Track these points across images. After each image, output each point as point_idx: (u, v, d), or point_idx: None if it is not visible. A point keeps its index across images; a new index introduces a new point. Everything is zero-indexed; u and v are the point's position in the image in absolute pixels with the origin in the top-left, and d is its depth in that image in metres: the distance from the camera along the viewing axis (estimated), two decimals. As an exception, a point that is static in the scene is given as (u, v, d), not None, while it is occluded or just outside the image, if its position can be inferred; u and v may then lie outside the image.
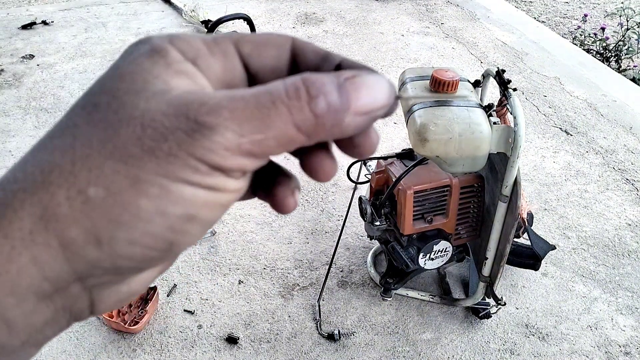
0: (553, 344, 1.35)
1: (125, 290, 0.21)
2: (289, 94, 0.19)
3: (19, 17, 2.98)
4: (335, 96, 0.19)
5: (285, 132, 0.19)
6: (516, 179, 1.08)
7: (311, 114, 0.19)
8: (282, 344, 1.33)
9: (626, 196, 1.82)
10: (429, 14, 3.13)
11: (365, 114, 0.20)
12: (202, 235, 0.21)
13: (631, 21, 2.81)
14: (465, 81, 1.14)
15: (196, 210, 0.19)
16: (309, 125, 0.19)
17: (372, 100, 0.20)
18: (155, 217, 0.18)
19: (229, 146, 0.18)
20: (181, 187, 0.18)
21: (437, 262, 1.28)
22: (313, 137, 0.20)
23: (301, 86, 0.19)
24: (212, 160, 0.18)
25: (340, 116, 0.19)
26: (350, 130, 0.20)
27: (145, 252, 0.19)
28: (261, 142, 0.19)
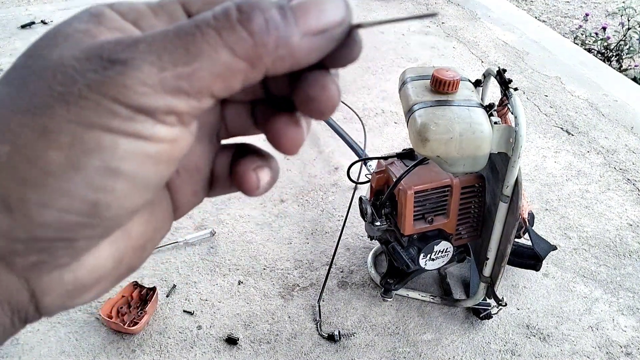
0: (554, 345, 1.34)
1: (71, 279, 0.18)
2: (217, 17, 0.17)
3: (18, 16, 2.98)
4: (275, 12, 0.17)
5: (218, 59, 0.16)
6: (517, 179, 1.07)
7: (246, 33, 0.17)
8: (282, 345, 1.32)
9: (627, 196, 1.81)
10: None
11: (319, 33, 0.18)
12: (140, 196, 0.18)
13: (632, 21, 2.80)
14: (466, 81, 1.14)
15: (118, 162, 0.16)
16: (247, 48, 0.17)
17: (323, 15, 0.18)
18: (69, 171, 0.16)
19: (148, 81, 0.16)
20: (97, 134, 0.16)
21: (438, 262, 1.28)
22: (257, 64, 0.17)
23: (232, 6, 0.17)
24: (130, 99, 0.16)
25: (285, 33, 0.17)
26: (304, 53, 0.18)
27: (63, 216, 0.16)
28: (191, 76, 0.16)
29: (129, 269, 0.22)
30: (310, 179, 1.85)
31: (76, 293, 0.19)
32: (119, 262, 0.20)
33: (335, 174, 1.87)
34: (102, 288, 0.21)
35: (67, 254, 0.18)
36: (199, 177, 0.23)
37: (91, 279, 0.19)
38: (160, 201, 0.22)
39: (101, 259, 0.19)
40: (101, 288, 0.20)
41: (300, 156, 1.95)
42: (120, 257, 0.20)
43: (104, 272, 0.20)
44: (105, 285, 0.20)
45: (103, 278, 0.20)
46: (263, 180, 0.23)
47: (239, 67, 0.17)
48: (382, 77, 2.46)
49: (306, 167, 1.90)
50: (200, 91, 0.17)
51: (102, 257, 0.19)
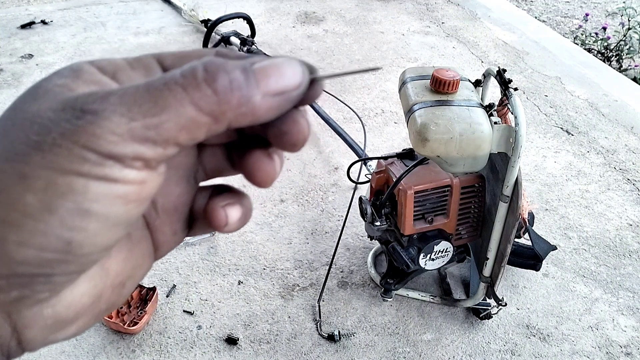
0: (554, 345, 1.34)
1: (50, 314, 0.20)
2: (184, 75, 0.18)
3: (18, 16, 2.97)
4: (239, 74, 0.19)
5: (184, 113, 0.18)
6: (517, 179, 1.07)
7: (210, 91, 0.18)
8: (282, 345, 1.32)
9: (627, 196, 1.81)
10: (429, 13, 3.13)
11: (278, 94, 0.20)
12: (112, 234, 0.19)
13: (632, 21, 2.80)
14: (466, 81, 1.14)
15: (89, 203, 0.17)
16: (211, 104, 0.18)
17: (282, 79, 0.20)
18: (44, 213, 0.17)
19: (117, 131, 0.17)
20: (69, 178, 0.17)
21: (438, 262, 1.28)
22: (220, 119, 0.19)
23: (199, 66, 0.19)
24: (100, 147, 0.17)
25: (247, 93, 0.19)
26: (264, 111, 0.19)
27: (40, 253, 0.18)
28: (158, 127, 0.18)
29: (109, 306, 0.23)
30: (310, 179, 1.85)
31: (57, 328, 0.20)
32: (97, 298, 0.21)
33: (335, 174, 1.87)
34: (83, 324, 0.21)
35: (46, 289, 0.19)
36: (178, 217, 0.25)
37: (70, 314, 0.20)
38: (140, 241, 0.23)
39: (79, 295, 0.20)
40: (82, 324, 0.21)
41: (300, 156, 1.95)
42: (98, 294, 0.21)
43: (83, 307, 0.21)
44: (85, 321, 0.21)
45: (82, 314, 0.21)
46: (232, 217, 0.24)
47: (203, 121, 0.18)
48: (382, 77, 2.46)
49: (306, 167, 1.90)
50: (166, 140, 0.18)
51: (80, 292, 0.20)
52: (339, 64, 2.57)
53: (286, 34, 2.84)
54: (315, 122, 2.10)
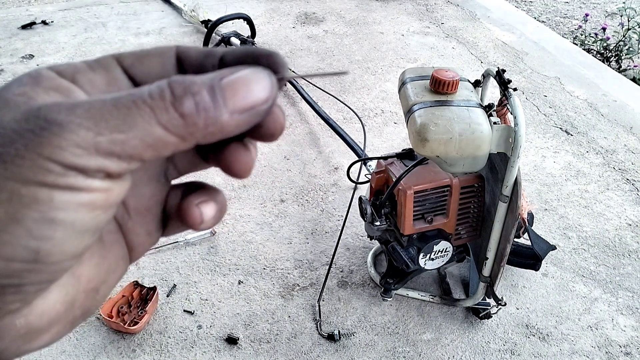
0: (553, 344, 1.34)
1: (23, 324, 0.19)
2: (152, 95, 0.18)
3: (19, 17, 2.98)
4: (205, 95, 0.19)
5: (151, 132, 0.18)
6: (516, 179, 1.08)
7: (176, 114, 0.18)
8: (282, 345, 1.32)
9: (626, 196, 1.82)
10: (429, 13, 3.13)
11: (245, 111, 0.20)
12: (82, 241, 0.19)
13: (632, 21, 2.81)
14: (465, 81, 1.14)
15: (54, 212, 0.18)
16: (177, 126, 0.19)
17: (250, 95, 0.20)
18: (9, 224, 0.17)
19: (82, 144, 0.17)
20: (33, 189, 0.17)
21: (438, 262, 1.28)
22: (188, 139, 0.19)
23: (165, 87, 0.19)
24: (64, 159, 0.17)
25: (213, 115, 0.19)
26: (232, 128, 0.20)
27: (8, 264, 0.18)
28: (124, 142, 0.18)
29: (84, 312, 0.22)
30: (310, 179, 1.85)
31: (30, 337, 0.20)
32: (70, 305, 0.21)
33: (335, 174, 1.87)
34: (57, 332, 0.21)
35: (17, 299, 0.19)
36: (151, 217, 0.25)
37: (43, 323, 0.20)
38: (112, 245, 0.23)
39: (51, 303, 0.20)
40: (56, 332, 0.21)
41: (300, 156, 1.95)
42: (71, 301, 0.21)
43: (56, 316, 0.20)
44: (60, 329, 0.21)
45: (55, 322, 0.21)
46: (207, 214, 0.24)
47: (170, 141, 0.19)
48: (382, 78, 2.47)
49: (306, 167, 1.90)
50: (131, 156, 0.18)
51: (51, 301, 0.20)
52: (339, 64, 2.57)
53: (286, 35, 2.85)
54: (315, 122, 2.11)
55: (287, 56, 2.63)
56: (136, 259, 0.25)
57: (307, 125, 2.12)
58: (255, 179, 1.84)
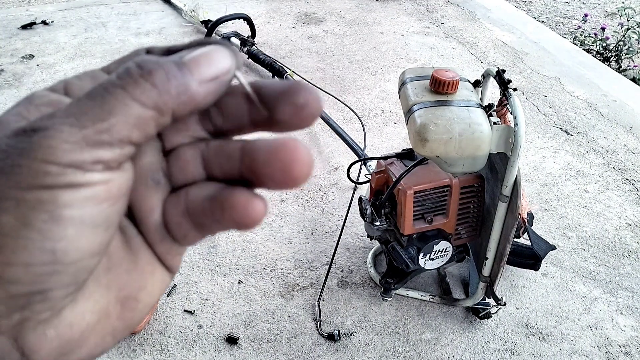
0: (553, 344, 1.34)
1: (54, 335, 0.20)
2: (121, 76, 0.19)
3: (19, 17, 2.98)
4: (172, 65, 0.20)
5: (130, 111, 0.19)
6: (516, 179, 1.08)
7: (149, 85, 0.19)
8: (282, 344, 1.33)
9: (626, 196, 1.82)
10: (429, 13, 3.13)
11: (212, 80, 0.21)
12: (95, 236, 0.19)
13: (631, 21, 2.81)
14: (465, 81, 1.14)
15: (61, 210, 0.18)
16: (153, 97, 0.19)
17: (214, 65, 0.21)
18: (21, 229, 0.18)
19: (70, 140, 0.18)
20: (36, 193, 0.18)
21: (437, 262, 1.28)
22: (164, 110, 0.20)
23: (132, 65, 0.20)
24: (58, 157, 0.18)
25: (183, 81, 0.20)
26: (202, 96, 0.20)
27: (28, 269, 0.18)
28: (109, 130, 0.19)
29: (126, 323, 0.22)
30: (310, 179, 1.85)
31: (64, 350, 0.20)
32: (105, 315, 0.21)
33: (335, 174, 1.87)
34: (95, 344, 0.21)
35: (45, 308, 0.19)
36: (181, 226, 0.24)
37: (75, 334, 0.20)
38: (140, 250, 0.23)
39: (79, 313, 0.20)
40: (94, 344, 0.21)
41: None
42: (104, 310, 0.21)
43: (87, 327, 0.21)
44: (97, 341, 0.21)
45: (89, 333, 0.21)
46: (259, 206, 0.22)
47: (150, 115, 0.19)
48: (382, 78, 2.47)
49: (306, 167, 1.90)
50: (120, 140, 0.19)
51: (80, 311, 0.20)
52: (339, 64, 2.58)
53: (286, 35, 2.85)
54: (315, 122, 2.11)
55: (287, 56, 2.63)
56: (174, 267, 0.24)
57: (307, 125, 2.12)
58: (255, 179, 1.84)
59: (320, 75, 2.46)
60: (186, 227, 0.23)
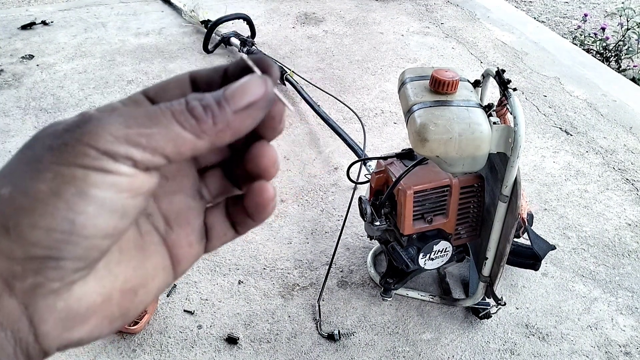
0: (553, 344, 1.34)
1: (63, 307, 0.22)
2: (172, 105, 0.23)
3: (19, 17, 2.98)
4: (212, 101, 0.24)
5: (172, 128, 0.23)
6: (516, 178, 1.08)
7: (190, 115, 0.23)
8: (282, 344, 1.33)
9: (626, 196, 1.82)
10: (428, 13, 3.13)
11: (247, 108, 0.24)
12: (111, 220, 0.22)
13: (631, 21, 2.81)
14: (465, 81, 1.14)
15: (88, 188, 0.21)
16: (192, 125, 0.23)
17: (248, 95, 0.24)
18: (51, 197, 0.21)
19: (115, 134, 0.22)
20: (73, 169, 0.21)
21: (437, 262, 1.28)
22: (202, 136, 0.23)
23: (182, 100, 0.24)
24: (99, 144, 0.21)
25: (220, 114, 0.24)
26: (238, 124, 0.24)
27: (49, 234, 0.21)
28: (149, 136, 0.22)
29: (122, 312, 0.25)
30: (310, 179, 1.85)
31: (70, 323, 0.22)
32: (107, 299, 0.24)
33: (335, 174, 1.87)
34: (95, 325, 0.24)
35: (57, 276, 0.21)
36: (191, 229, 0.28)
37: (82, 309, 0.23)
38: (153, 254, 0.27)
39: (89, 291, 0.23)
40: (94, 324, 0.24)
41: (300, 156, 1.95)
42: (108, 295, 0.24)
43: (93, 304, 0.23)
44: (97, 323, 0.24)
45: (93, 311, 0.23)
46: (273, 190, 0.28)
47: (187, 137, 0.23)
48: (382, 78, 2.47)
49: (306, 167, 1.90)
50: (154, 149, 0.22)
51: (89, 289, 0.23)
52: (339, 64, 2.58)
53: (286, 35, 2.85)
54: (315, 122, 2.11)
55: (287, 56, 2.63)
56: (182, 272, 0.28)
57: (307, 125, 2.12)
58: (255, 179, 1.84)
59: (320, 75, 2.46)
60: (225, 226, 0.29)
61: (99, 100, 2.28)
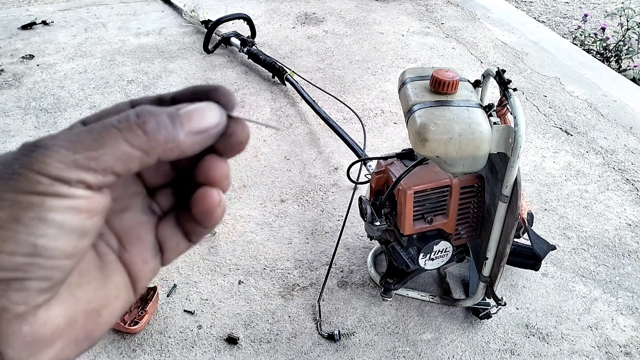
0: (553, 344, 1.34)
1: (28, 331, 0.22)
2: (119, 120, 0.23)
3: (19, 17, 2.98)
4: (165, 118, 0.24)
5: (118, 148, 0.23)
6: (516, 179, 1.08)
7: (140, 131, 0.23)
8: (282, 344, 1.33)
9: (626, 196, 1.82)
10: (429, 14, 3.13)
11: (200, 133, 0.25)
12: (72, 240, 0.23)
13: (631, 21, 2.81)
14: (465, 81, 1.14)
15: (46, 213, 0.22)
16: (141, 142, 0.23)
17: (203, 120, 0.25)
18: (12, 223, 0.21)
19: (64, 160, 0.22)
20: (29, 197, 0.21)
21: (437, 262, 1.28)
22: (150, 153, 0.23)
23: (131, 113, 0.24)
24: (50, 172, 0.22)
25: (172, 133, 0.24)
26: (188, 146, 0.24)
27: (12, 258, 0.21)
28: (97, 158, 0.22)
29: (87, 333, 0.25)
30: (310, 179, 1.85)
31: (36, 347, 0.23)
32: (72, 322, 0.24)
33: (335, 174, 1.87)
34: (61, 348, 0.24)
35: (22, 298, 0.22)
36: (144, 246, 0.28)
37: (47, 333, 0.23)
38: (112, 273, 0.27)
39: (53, 315, 0.23)
40: (60, 348, 0.24)
41: (300, 156, 1.95)
42: (72, 317, 0.24)
43: (57, 328, 0.23)
44: (63, 346, 0.24)
45: (58, 335, 0.23)
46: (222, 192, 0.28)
47: (135, 155, 0.23)
48: (382, 78, 2.47)
49: (306, 167, 1.90)
50: (104, 169, 0.23)
51: (54, 313, 0.23)
52: (339, 64, 2.58)
53: (286, 35, 2.85)
54: (315, 122, 2.11)
55: (287, 56, 2.63)
56: (142, 288, 0.28)
57: (307, 125, 2.12)
58: (255, 179, 1.84)
59: (320, 76, 2.46)
60: (178, 237, 0.29)
61: (99, 100, 2.28)
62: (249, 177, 1.86)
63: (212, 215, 0.27)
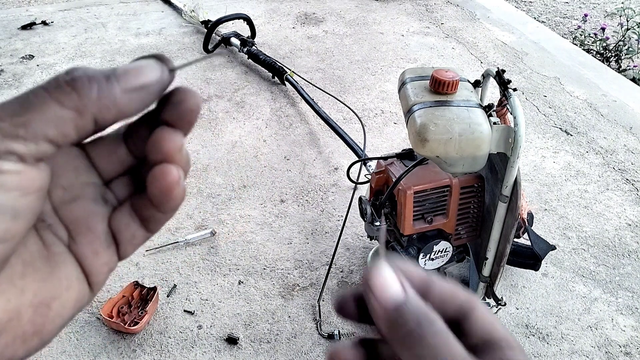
0: (553, 344, 1.34)
1: None
2: (48, 81, 0.21)
3: (19, 17, 2.98)
4: (99, 74, 0.22)
5: (48, 109, 0.20)
6: (516, 179, 1.08)
7: (70, 89, 0.21)
8: (282, 344, 1.33)
9: (626, 196, 1.82)
10: (428, 14, 3.13)
11: (138, 89, 0.23)
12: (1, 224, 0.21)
13: (631, 21, 2.81)
14: (465, 81, 1.14)
15: None
16: (72, 100, 0.21)
17: (142, 76, 0.23)
18: None
19: None
20: None
21: (437, 262, 1.28)
22: (84, 112, 0.21)
23: (62, 74, 0.21)
24: None
25: (106, 89, 0.22)
26: (126, 104, 0.22)
27: None
28: (25, 124, 0.20)
29: (36, 328, 0.23)
30: (310, 179, 1.85)
31: None
32: (16, 316, 0.22)
33: (335, 174, 1.87)
34: (5, 344, 0.22)
35: None
36: (94, 236, 0.26)
37: None
38: (61, 263, 0.24)
39: None
40: (3, 344, 0.22)
41: (300, 156, 1.95)
42: (16, 311, 0.22)
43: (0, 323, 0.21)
44: (7, 342, 0.22)
45: (2, 330, 0.21)
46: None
47: (68, 116, 0.21)
48: (382, 78, 2.47)
49: (306, 168, 1.90)
50: (35, 136, 0.20)
51: None
52: (339, 64, 2.58)
53: (286, 35, 2.85)
54: (315, 122, 2.11)
55: (287, 56, 2.63)
56: (98, 283, 0.26)
57: (307, 126, 2.12)
58: (255, 179, 1.84)
59: (320, 76, 2.46)
60: (134, 227, 0.26)
61: (99, 101, 2.28)
62: (249, 177, 1.86)
63: (170, 195, 0.24)
